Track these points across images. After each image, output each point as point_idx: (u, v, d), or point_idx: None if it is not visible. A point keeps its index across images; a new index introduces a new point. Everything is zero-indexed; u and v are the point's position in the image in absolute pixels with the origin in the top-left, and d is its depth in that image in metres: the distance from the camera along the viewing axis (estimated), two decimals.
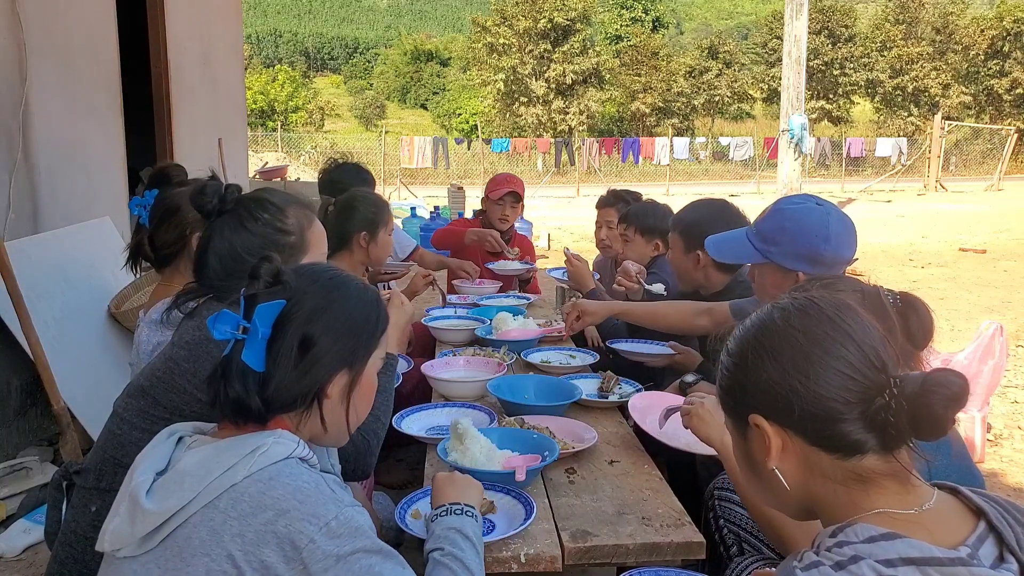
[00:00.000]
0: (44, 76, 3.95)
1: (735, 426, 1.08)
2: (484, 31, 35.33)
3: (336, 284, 1.29)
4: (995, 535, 0.93)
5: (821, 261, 1.95)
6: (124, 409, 1.56)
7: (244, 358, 1.14)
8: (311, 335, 1.20)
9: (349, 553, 1.07)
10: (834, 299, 1.03)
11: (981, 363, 3.59)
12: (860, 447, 0.97)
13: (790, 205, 2.06)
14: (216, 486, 1.08)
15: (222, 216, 1.70)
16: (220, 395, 1.17)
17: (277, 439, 1.14)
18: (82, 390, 3.37)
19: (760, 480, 1.07)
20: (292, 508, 1.07)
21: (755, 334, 1.04)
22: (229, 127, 7.02)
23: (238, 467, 1.09)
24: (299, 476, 1.11)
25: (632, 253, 3.41)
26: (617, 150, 24.45)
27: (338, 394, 1.24)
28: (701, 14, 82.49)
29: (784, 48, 16.86)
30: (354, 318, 1.27)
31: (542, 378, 2.49)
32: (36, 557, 2.68)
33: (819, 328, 0.99)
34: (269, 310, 1.17)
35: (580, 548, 1.52)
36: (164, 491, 1.10)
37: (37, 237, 3.72)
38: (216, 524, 1.06)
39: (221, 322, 1.17)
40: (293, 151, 27.32)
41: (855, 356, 0.97)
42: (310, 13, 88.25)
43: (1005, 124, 30.79)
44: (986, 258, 10.58)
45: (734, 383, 1.06)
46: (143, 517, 1.08)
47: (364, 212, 3.03)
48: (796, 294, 1.06)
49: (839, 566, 0.88)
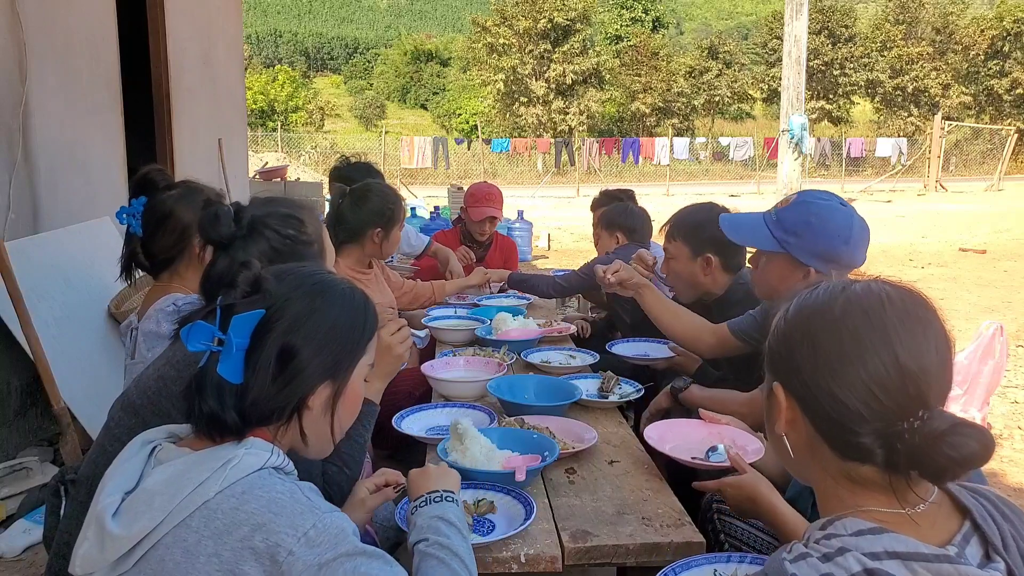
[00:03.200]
0: (44, 76, 3.95)
1: (766, 381, 1.07)
2: (484, 31, 35.35)
3: (321, 289, 1.22)
4: (980, 534, 0.93)
5: (836, 261, 1.95)
6: (116, 424, 1.52)
7: (220, 371, 1.10)
8: (292, 345, 1.15)
9: (331, 559, 1.03)
10: (904, 305, 0.96)
11: (981, 363, 3.59)
12: (864, 456, 0.95)
13: (817, 200, 2.02)
14: (187, 504, 1.04)
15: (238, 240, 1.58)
16: (195, 409, 1.13)
17: (249, 450, 1.10)
18: (82, 390, 3.37)
19: (773, 437, 1.08)
20: (268, 521, 1.03)
21: (811, 311, 1.01)
22: (229, 127, 7.02)
23: (209, 483, 1.05)
24: (272, 487, 1.07)
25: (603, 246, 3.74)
26: (617, 150, 24.45)
27: (320, 406, 1.20)
28: (701, 14, 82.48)
29: (784, 48, 16.86)
30: (339, 326, 1.21)
31: (542, 378, 2.49)
32: (36, 557, 2.68)
33: (869, 336, 0.94)
34: (246, 321, 1.12)
35: (580, 548, 1.52)
36: (132, 513, 1.06)
37: (37, 237, 3.72)
38: (190, 544, 1.03)
39: (195, 334, 1.12)
40: (293, 151, 27.33)
41: (893, 379, 0.92)
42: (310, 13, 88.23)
43: (1005, 124, 30.80)
44: (986, 258, 10.58)
45: (777, 346, 1.04)
46: (112, 542, 1.04)
47: (379, 206, 3.00)
48: (876, 285, 0.99)
49: (826, 557, 0.88)
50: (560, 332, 3.05)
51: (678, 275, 2.71)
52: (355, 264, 3.05)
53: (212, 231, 1.57)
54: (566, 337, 3.10)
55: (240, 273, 1.18)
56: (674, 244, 2.68)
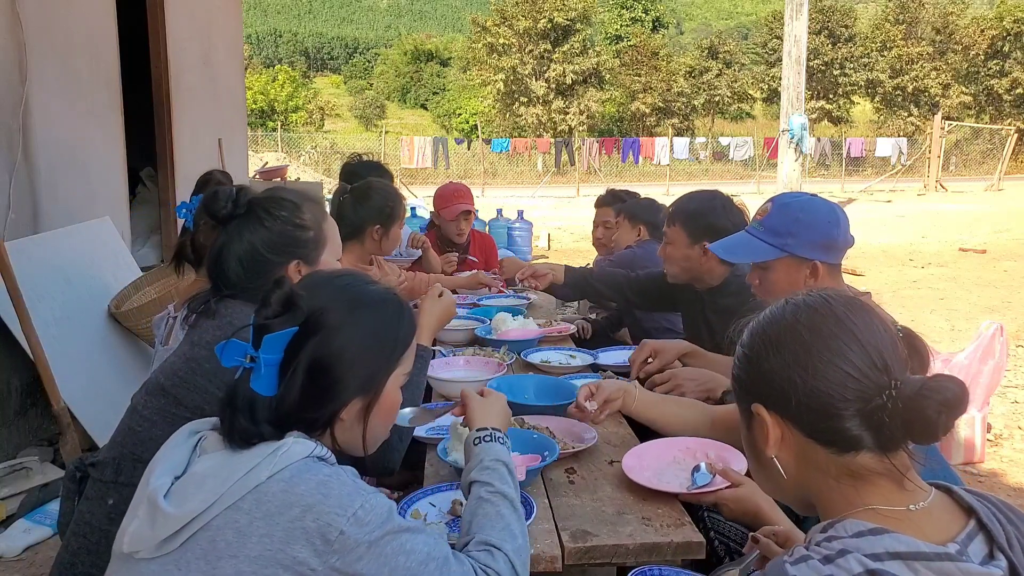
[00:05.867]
0: (44, 76, 3.95)
1: (742, 414, 1.11)
2: (484, 31, 35.35)
3: (355, 303, 1.23)
4: (985, 533, 0.94)
5: (835, 246, 1.99)
6: (143, 406, 1.58)
7: (252, 386, 1.13)
8: (324, 361, 1.16)
9: (380, 537, 1.08)
10: (846, 298, 1.04)
11: (981, 363, 3.59)
12: (855, 444, 0.98)
13: (794, 199, 2.09)
14: (239, 488, 1.07)
15: (236, 219, 1.69)
16: (227, 424, 1.15)
17: (296, 439, 1.14)
18: (82, 390, 3.37)
19: (762, 468, 1.09)
20: (318, 503, 1.06)
21: (764, 326, 1.07)
22: (229, 127, 7.02)
23: (260, 467, 1.09)
24: (319, 471, 1.11)
25: (621, 238, 3.73)
26: (617, 150, 24.44)
27: (353, 417, 1.22)
28: (701, 14, 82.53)
29: (784, 48, 16.87)
30: (372, 340, 1.22)
31: (542, 378, 2.49)
32: (36, 557, 2.68)
33: (825, 325, 1.01)
34: (278, 340, 1.14)
35: (580, 548, 1.52)
36: (183, 494, 1.09)
37: (37, 237, 3.72)
38: (242, 525, 1.06)
39: (229, 350, 1.15)
40: (293, 151, 27.32)
41: (857, 355, 0.98)
42: (310, 13, 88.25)
43: (1005, 124, 30.79)
44: (986, 258, 10.58)
45: (741, 372, 1.09)
46: (164, 520, 1.07)
47: (380, 204, 3.02)
48: (811, 292, 1.07)
49: (827, 560, 0.89)
50: (560, 332, 3.05)
51: (673, 259, 2.72)
52: (356, 261, 3.06)
53: (212, 207, 1.69)
54: (566, 337, 3.10)
55: (273, 292, 1.19)
56: (673, 228, 2.70)
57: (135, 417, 1.58)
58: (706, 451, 1.83)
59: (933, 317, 6.77)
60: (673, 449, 1.88)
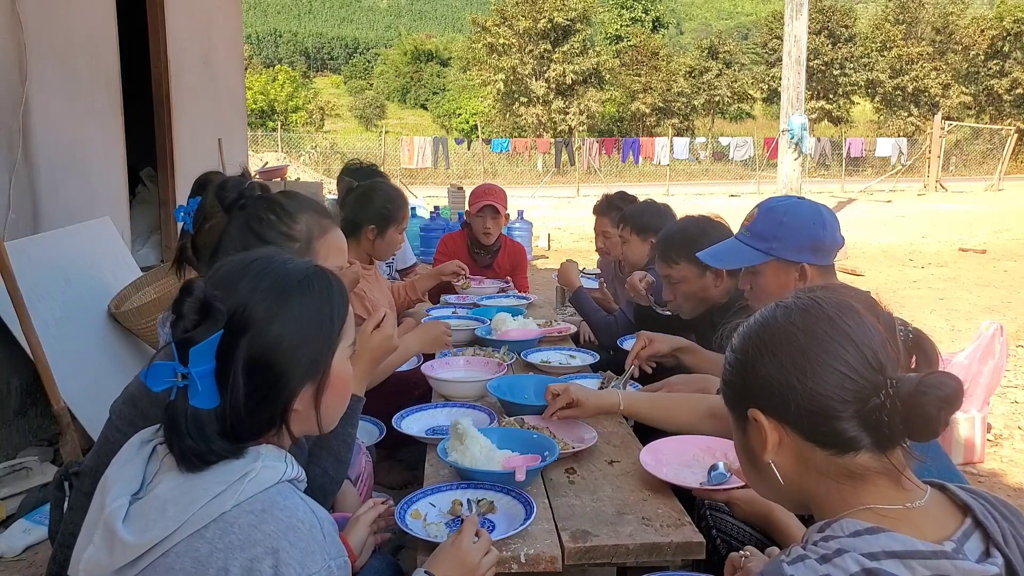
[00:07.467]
0: (44, 76, 3.95)
1: (736, 420, 1.10)
2: (484, 31, 35.35)
3: (278, 287, 1.13)
4: (981, 530, 0.94)
5: (822, 248, 1.98)
6: (117, 417, 1.53)
7: (193, 403, 1.05)
8: (263, 357, 1.08)
9: None
10: (837, 299, 1.04)
11: (981, 363, 3.59)
12: (854, 444, 0.98)
13: (779, 203, 2.08)
14: (202, 515, 1.02)
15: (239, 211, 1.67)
16: (176, 449, 1.07)
17: (265, 462, 1.08)
18: (82, 390, 3.37)
19: (757, 473, 1.09)
20: (283, 549, 1.02)
21: (757, 330, 1.06)
22: (229, 127, 7.02)
23: (225, 495, 1.03)
24: (294, 511, 1.06)
25: (631, 254, 3.43)
26: (617, 150, 24.44)
27: (307, 404, 1.15)
28: (701, 14, 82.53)
29: (784, 48, 16.85)
30: (309, 319, 1.14)
31: (542, 378, 2.49)
32: (36, 557, 2.68)
33: (818, 326, 1.00)
34: (205, 349, 1.05)
35: (580, 548, 1.52)
36: (144, 520, 1.03)
37: (37, 237, 3.72)
38: (202, 555, 1.01)
39: (155, 373, 1.06)
40: (293, 151, 27.32)
41: (853, 356, 0.98)
42: (310, 13, 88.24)
43: (1005, 124, 30.79)
44: (986, 258, 10.58)
45: (735, 377, 1.08)
46: (122, 548, 1.02)
47: (379, 205, 3.03)
48: (800, 294, 1.07)
49: (824, 559, 0.90)
50: (560, 332, 3.05)
51: (690, 295, 2.63)
52: (354, 260, 3.06)
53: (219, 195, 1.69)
54: (566, 337, 3.11)
55: (184, 302, 1.08)
56: (677, 268, 2.60)
57: (110, 426, 1.52)
58: (725, 451, 1.85)
59: (933, 317, 6.77)
60: (693, 448, 1.90)
